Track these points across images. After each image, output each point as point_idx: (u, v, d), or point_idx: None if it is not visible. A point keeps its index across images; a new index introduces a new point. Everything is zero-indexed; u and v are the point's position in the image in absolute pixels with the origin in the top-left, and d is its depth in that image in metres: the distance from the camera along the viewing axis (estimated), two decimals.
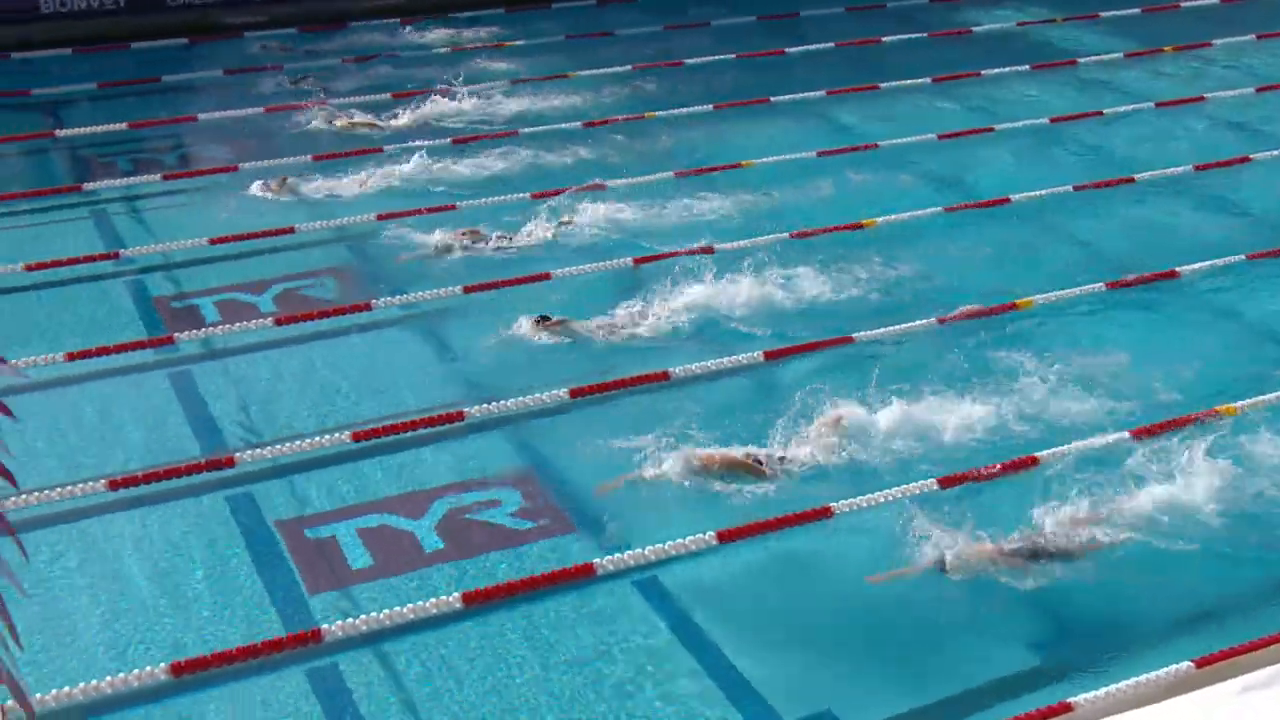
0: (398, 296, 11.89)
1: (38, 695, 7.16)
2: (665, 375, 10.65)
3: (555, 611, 8.16)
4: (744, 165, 15.13)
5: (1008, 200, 14.23)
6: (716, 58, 19.00)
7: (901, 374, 10.54)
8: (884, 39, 20.18)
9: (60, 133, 15.77)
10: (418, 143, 15.33)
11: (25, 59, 18.42)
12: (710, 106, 16.98)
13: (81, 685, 7.38)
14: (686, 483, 9.16)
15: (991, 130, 16.40)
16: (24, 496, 8.88)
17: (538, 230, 13.23)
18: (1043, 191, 14.44)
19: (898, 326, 11.46)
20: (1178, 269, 12.58)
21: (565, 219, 13.37)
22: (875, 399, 10.10)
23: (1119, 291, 12.24)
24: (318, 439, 9.72)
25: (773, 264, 12.57)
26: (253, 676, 7.63)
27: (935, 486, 9.22)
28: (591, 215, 13.60)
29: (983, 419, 10.01)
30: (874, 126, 16.57)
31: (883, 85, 17.95)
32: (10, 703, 5.24)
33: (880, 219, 13.72)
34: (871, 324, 11.47)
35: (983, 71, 18.57)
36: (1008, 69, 18.72)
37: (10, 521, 6.01)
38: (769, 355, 10.99)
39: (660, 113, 16.74)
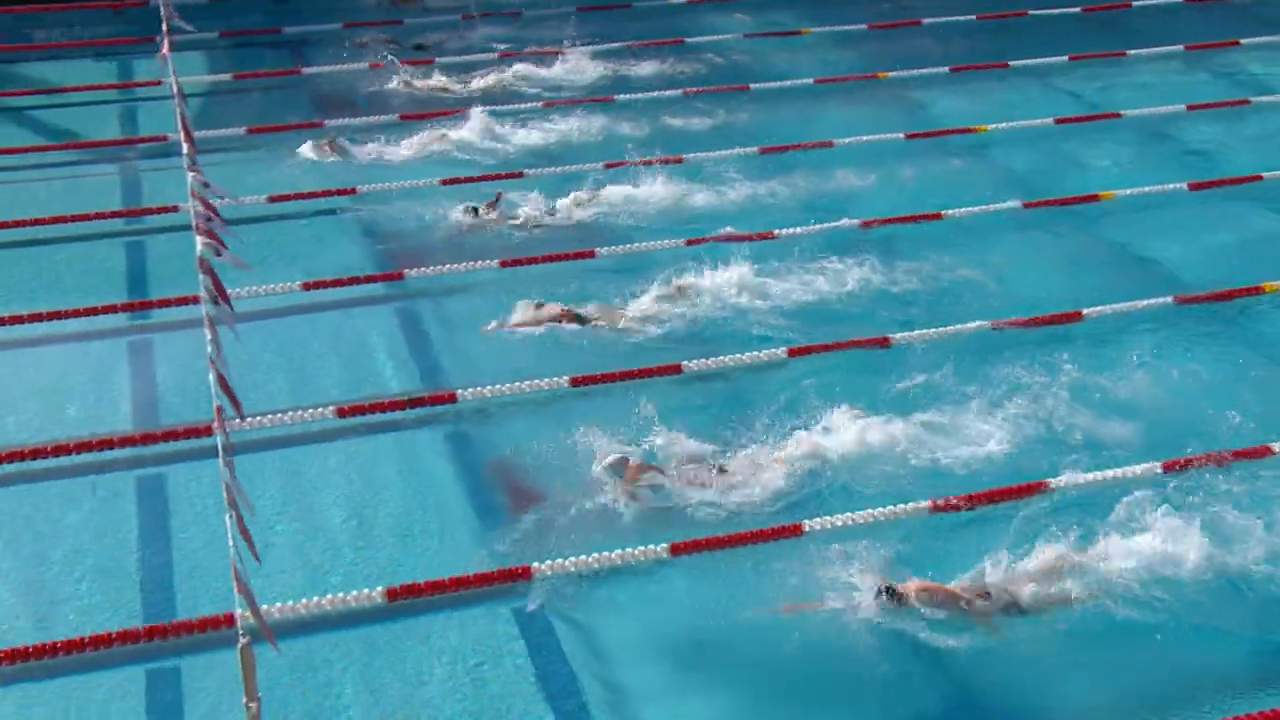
0: (620, 246, 12.02)
1: (264, 606, 7.53)
2: (885, 341, 10.55)
3: (759, 566, 8.21)
4: (977, 130, 14.81)
5: (1260, 178, 13.60)
6: (955, 18, 18.60)
7: (1130, 356, 10.29)
8: (1134, 3, 19.44)
9: (305, 70, 16.37)
10: (651, 93, 15.50)
11: None
12: (946, 69, 16.66)
13: (305, 601, 7.77)
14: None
15: (1247, 103, 15.68)
16: (258, 418, 9.34)
17: (760, 188, 13.23)
18: None
19: (1127, 305, 11.10)
20: None
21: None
22: (1096, 380, 9.87)
23: None
24: (536, 381, 9.95)
25: (1003, 234, 12.33)
26: (464, 607, 7.91)
27: (1158, 470, 8.97)
28: (820, 175, 13.52)
29: (1220, 406, 9.68)
30: (1118, 95, 16.01)
31: (1130, 52, 17.31)
32: (244, 612, 5.53)
33: (1119, 192, 13.26)
34: (1102, 300, 11.13)
35: (1242, 40, 17.73)
36: (1270, 38, 17.83)
37: (236, 443, 6.37)
38: (996, 326, 10.77)
39: (894, 73, 16.50)
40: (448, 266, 11.63)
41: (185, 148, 9.20)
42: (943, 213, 12.70)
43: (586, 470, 8.91)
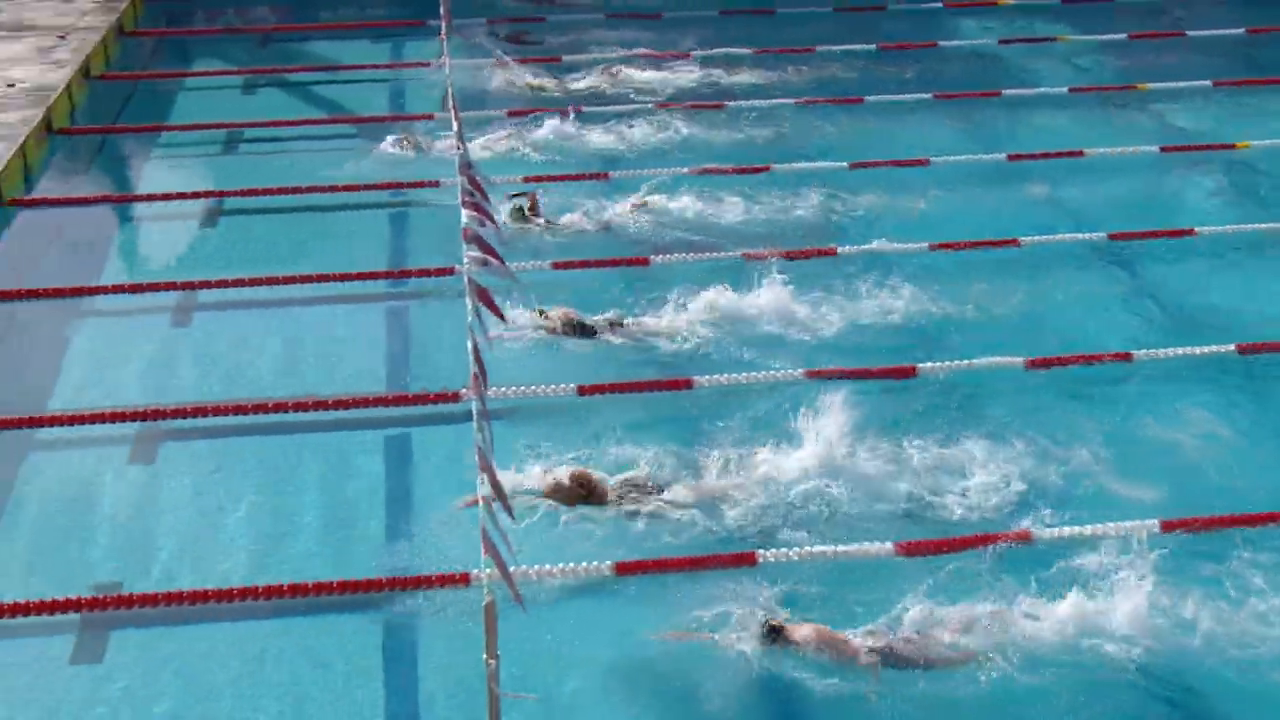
0: (858, 246, 11.90)
1: (488, 570, 7.70)
2: (1128, 356, 10.22)
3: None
4: (1238, 146, 14.15)
5: None
6: (1224, 31, 17.76)
7: None
8: None
9: (565, 59, 16.69)
10: (901, 95, 15.39)
11: None
12: (1209, 82, 15.96)
13: (536, 567, 7.96)
14: None
15: None
16: (503, 389, 9.55)
17: (1007, 194, 13.02)
18: None
19: None
20: None
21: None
22: None
23: None
24: (770, 372, 9.96)
25: (1259, 254, 11.79)
26: (685, 585, 7.91)
27: None
28: (1068, 184, 13.21)
29: None
30: None
31: None
32: (488, 571, 5.68)
33: None
34: None
35: None
36: None
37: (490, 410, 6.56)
38: (1241, 349, 10.29)
39: (1153, 84, 15.90)
40: (690, 256, 11.73)
41: (454, 126, 9.53)
42: (1196, 229, 12.21)
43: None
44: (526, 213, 12.20)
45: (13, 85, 15.05)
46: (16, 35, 16.88)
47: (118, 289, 11.49)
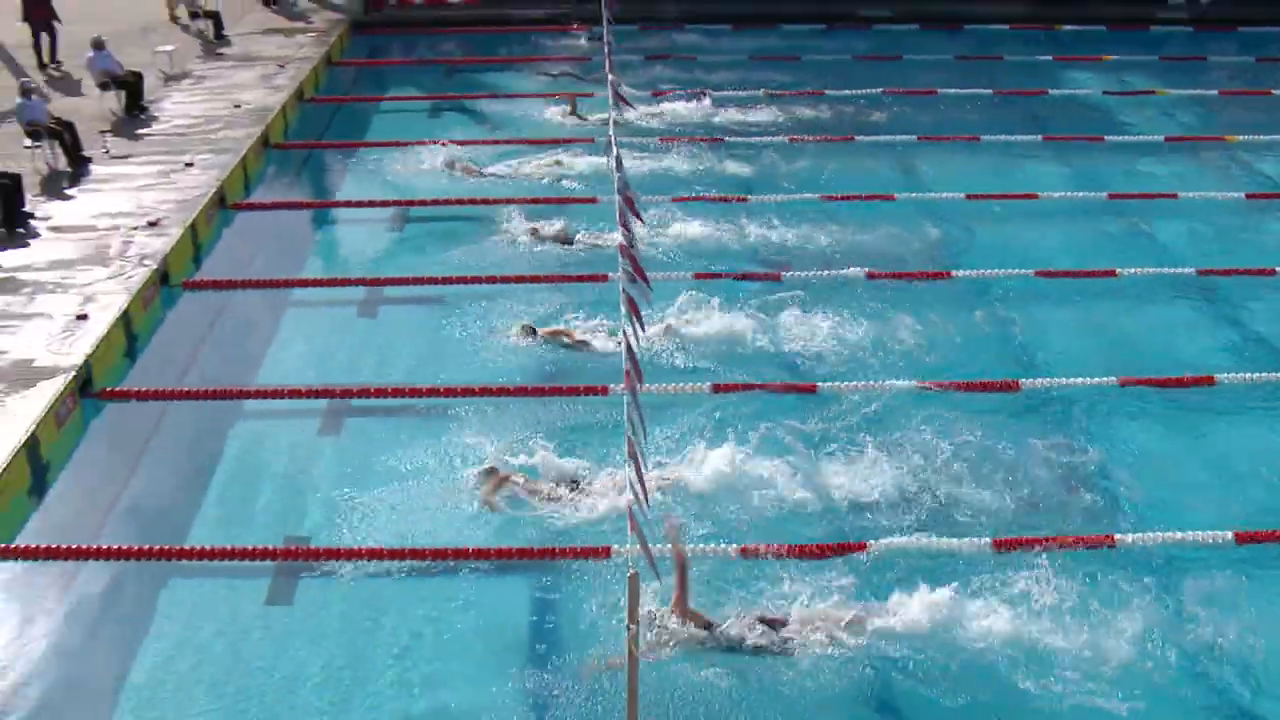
0: (971, 271, 11.50)
1: (624, 546, 7.56)
2: (1211, 380, 9.72)
3: None
4: None
5: None
6: None
7: None
8: None
9: (710, 94, 16.46)
10: (1013, 136, 14.99)
11: None
12: None
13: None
14: None
15: None
16: (651, 386, 9.34)
17: (1106, 229, 12.49)
18: None
19: None
20: None
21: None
22: None
23: None
24: (887, 382, 9.63)
25: None
26: (793, 568, 7.71)
27: None
28: (1161, 224, 12.70)
29: None
30: None
31: None
32: (629, 546, 5.58)
33: None
34: None
35: None
36: None
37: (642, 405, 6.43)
38: None
39: (1242, 137, 15.22)
40: (818, 272, 11.48)
41: (613, 150, 9.42)
42: (1276, 269, 11.63)
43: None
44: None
45: (239, 106, 15.43)
46: (247, 64, 17.35)
47: (316, 282, 11.64)
